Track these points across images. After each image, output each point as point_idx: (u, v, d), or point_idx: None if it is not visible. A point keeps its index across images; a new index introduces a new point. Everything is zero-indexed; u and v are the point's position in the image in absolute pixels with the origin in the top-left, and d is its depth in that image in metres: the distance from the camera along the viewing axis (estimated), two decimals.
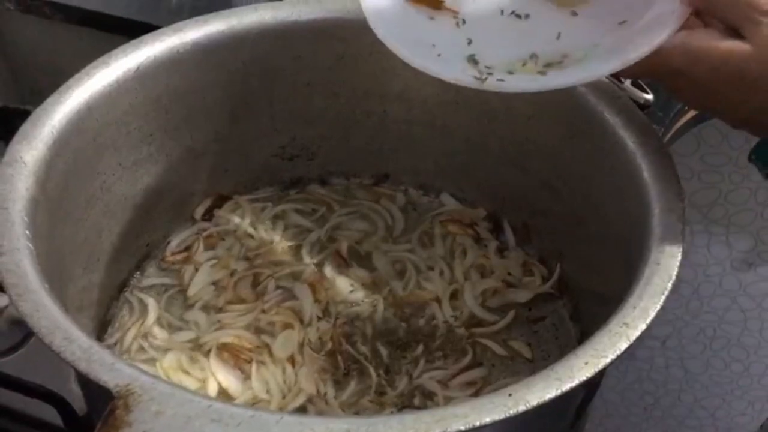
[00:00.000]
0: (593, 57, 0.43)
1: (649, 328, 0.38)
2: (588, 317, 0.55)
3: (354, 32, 0.57)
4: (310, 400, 0.50)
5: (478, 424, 0.33)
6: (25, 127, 0.47)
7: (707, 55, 0.39)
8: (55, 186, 0.46)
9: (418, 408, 0.50)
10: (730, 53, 0.38)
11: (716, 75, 0.39)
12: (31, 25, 0.79)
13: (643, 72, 0.42)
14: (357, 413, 0.49)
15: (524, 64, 0.44)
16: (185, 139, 0.57)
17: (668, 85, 0.42)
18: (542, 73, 0.43)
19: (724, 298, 0.96)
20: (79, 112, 0.48)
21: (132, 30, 0.56)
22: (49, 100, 0.48)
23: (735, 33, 0.39)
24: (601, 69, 0.42)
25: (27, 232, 0.42)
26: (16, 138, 0.46)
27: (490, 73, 0.43)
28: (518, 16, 0.47)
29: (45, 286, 0.39)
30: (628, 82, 0.55)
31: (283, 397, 0.50)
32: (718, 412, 1.07)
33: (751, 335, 0.99)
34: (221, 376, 0.51)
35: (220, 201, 0.63)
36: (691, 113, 0.75)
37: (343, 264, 0.59)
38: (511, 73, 0.43)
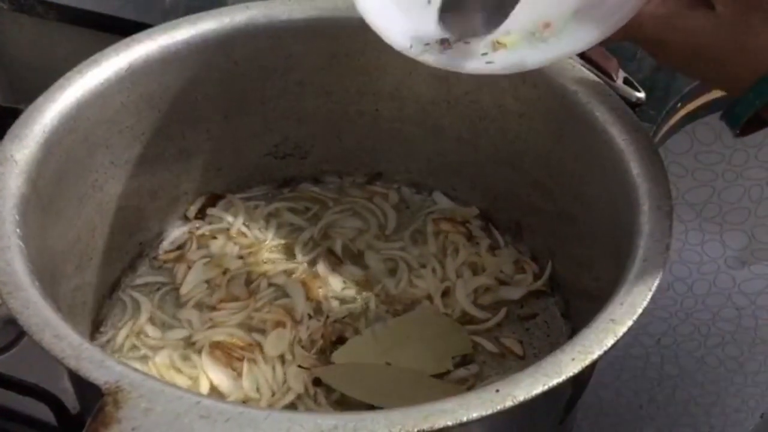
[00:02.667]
0: (572, 28, 0.42)
1: (636, 324, 0.38)
2: (579, 314, 0.55)
3: (346, 31, 0.57)
4: (299, 398, 0.50)
5: (465, 419, 0.33)
6: (16, 126, 0.47)
7: (678, 24, 0.40)
8: (47, 184, 0.46)
9: None
10: (699, 22, 0.39)
11: (686, 43, 0.40)
12: (23, 24, 0.79)
13: (617, 38, 0.43)
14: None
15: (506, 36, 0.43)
16: (178, 138, 0.57)
17: (645, 48, 0.43)
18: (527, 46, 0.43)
19: (719, 296, 0.96)
20: (71, 110, 0.49)
21: (126, 29, 0.56)
22: (41, 98, 0.48)
23: (705, 2, 0.40)
24: (583, 40, 0.41)
25: (18, 230, 0.42)
26: (8, 136, 0.46)
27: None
28: None
29: (36, 284, 0.40)
30: (620, 81, 0.55)
31: (273, 395, 0.50)
32: (712, 410, 1.07)
33: (746, 333, 0.99)
34: (213, 374, 0.51)
35: (213, 200, 0.63)
36: (684, 111, 0.76)
37: (336, 262, 0.59)
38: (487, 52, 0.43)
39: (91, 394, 0.35)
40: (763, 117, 0.41)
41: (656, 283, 0.40)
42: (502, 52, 0.43)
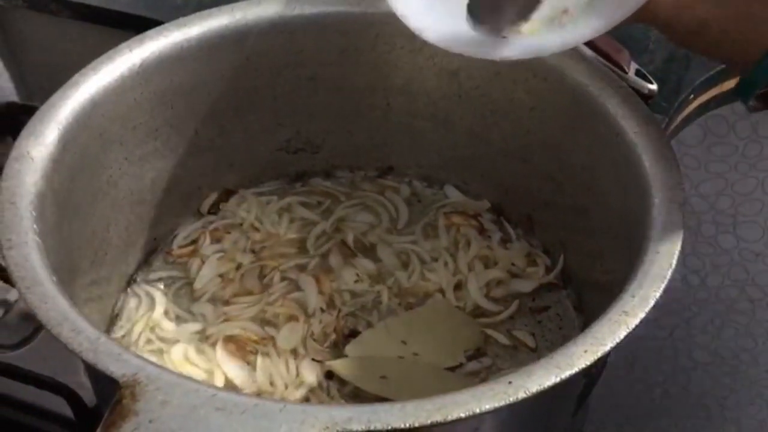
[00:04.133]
0: (589, 14, 0.43)
1: (648, 316, 0.38)
2: (591, 307, 0.55)
3: (357, 26, 0.57)
4: (312, 391, 0.51)
5: (478, 411, 0.34)
6: (31, 123, 0.47)
7: (688, 4, 0.41)
8: (63, 181, 0.47)
9: None
10: (709, 1, 0.41)
11: (697, 22, 0.41)
12: (37, 22, 0.79)
13: (631, 22, 0.44)
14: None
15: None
16: (190, 133, 0.58)
17: (657, 29, 0.45)
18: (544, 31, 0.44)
19: (732, 288, 0.96)
20: (85, 107, 0.49)
21: (138, 26, 0.56)
22: (55, 95, 0.49)
23: None
24: (599, 25, 0.43)
25: (35, 226, 0.42)
26: (23, 134, 0.46)
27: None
28: None
29: (53, 279, 0.40)
30: (632, 73, 0.55)
31: (286, 388, 0.51)
32: (726, 402, 1.07)
33: (760, 325, 0.99)
34: (227, 367, 0.52)
35: (226, 195, 0.63)
36: (696, 103, 0.75)
37: (348, 254, 0.59)
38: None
39: (108, 387, 0.35)
40: None
41: (669, 275, 0.40)
42: (522, 38, 0.44)
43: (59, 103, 0.48)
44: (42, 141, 0.46)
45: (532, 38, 0.44)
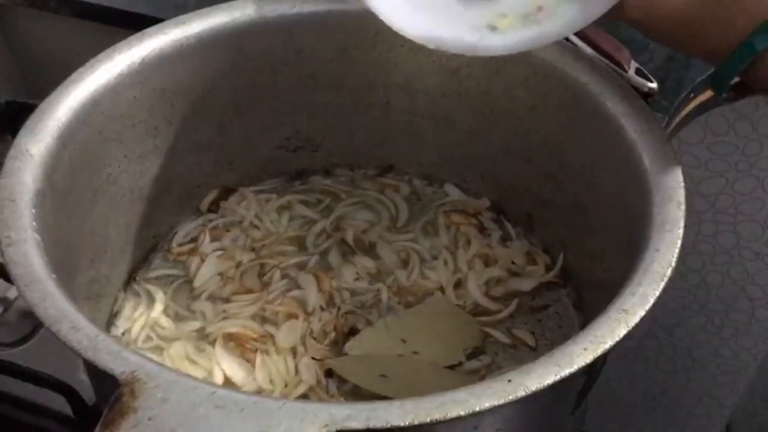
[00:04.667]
0: (564, 10, 0.44)
1: (648, 314, 0.38)
2: (591, 306, 0.55)
3: (357, 24, 0.57)
4: (311, 389, 0.51)
5: (477, 409, 0.34)
6: (31, 121, 0.47)
7: (661, 1, 0.42)
8: (62, 178, 0.47)
9: None
10: (681, 5, 0.42)
11: (670, 18, 0.43)
12: (37, 19, 0.79)
13: (607, 19, 0.45)
14: None
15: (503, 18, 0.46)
16: (190, 131, 0.58)
17: (631, 25, 0.46)
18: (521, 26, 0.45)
19: (732, 287, 0.96)
20: (84, 105, 0.49)
21: (138, 24, 0.56)
22: (55, 93, 0.49)
23: None
24: (575, 21, 0.44)
25: (34, 223, 0.42)
26: (23, 131, 0.46)
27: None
28: None
29: (52, 277, 0.40)
30: (632, 71, 0.55)
31: (285, 386, 0.51)
32: (726, 401, 1.07)
33: (759, 324, 0.99)
34: (226, 365, 0.52)
35: (226, 193, 0.63)
36: (697, 102, 0.75)
37: (348, 252, 0.59)
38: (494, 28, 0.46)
39: (107, 384, 0.35)
40: (748, 83, 0.44)
41: (668, 273, 0.39)
42: (497, 35, 0.45)
43: (59, 100, 0.48)
44: (41, 138, 0.46)
45: (509, 34, 0.45)
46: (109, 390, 0.35)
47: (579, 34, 0.52)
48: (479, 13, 0.47)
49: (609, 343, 0.36)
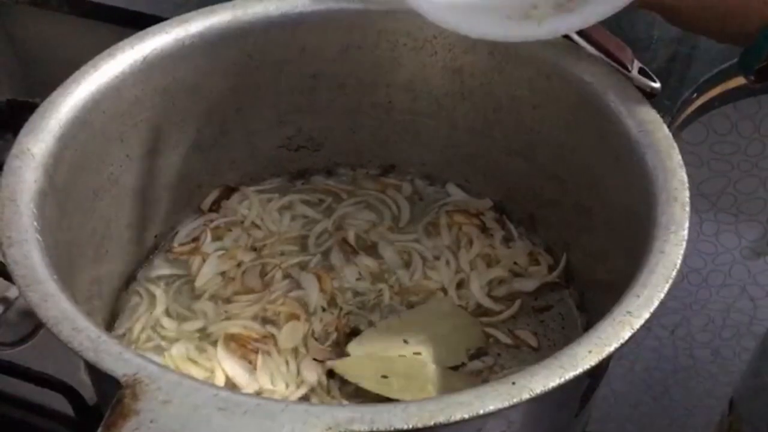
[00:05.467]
0: None
1: (653, 316, 0.38)
2: (594, 306, 0.55)
3: (359, 23, 0.57)
4: (313, 390, 0.51)
5: (481, 412, 0.33)
6: (32, 120, 0.47)
7: None
8: (63, 178, 0.47)
9: None
10: None
11: (699, 4, 0.44)
12: (38, 18, 0.79)
13: (638, 6, 0.46)
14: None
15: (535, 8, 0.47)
16: (192, 130, 0.58)
17: (660, 14, 0.47)
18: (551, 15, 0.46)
19: (734, 287, 0.96)
20: (86, 104, 0.49)
21: (139, 22, 0.56)
22: (56, 92, 0.48)
23: None
24: (606, 8, 0.45)
25: (35, 223, 0.42)
26: (24, 130, 0.46)
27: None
28: None
29: (54, 277, 0.40)
30: (635, 71, 0.55)
31: (287, 387, 0.51)
32: (727, 401, 1.07)
33: (761, 324, 0.99)
34: (228, 366, 0.51)
35: (228, 192, 0.63)
36: (700, 101, 0.75)
37: (350, 252, 0.59)
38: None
39: (109, 386, 0.35)
40: None
41: (673, 274, 0.39)
42: (529, 22, 0.46)
43: (60, 99, 0.48)
44: (43, 138, 0.46)
45: (540, 22, 0.46)
46: (111, 391, 0.35)
47: (582, 34, 0.52)
48: (514, 4, 0.48)
49: (614, 346, 0.36)
